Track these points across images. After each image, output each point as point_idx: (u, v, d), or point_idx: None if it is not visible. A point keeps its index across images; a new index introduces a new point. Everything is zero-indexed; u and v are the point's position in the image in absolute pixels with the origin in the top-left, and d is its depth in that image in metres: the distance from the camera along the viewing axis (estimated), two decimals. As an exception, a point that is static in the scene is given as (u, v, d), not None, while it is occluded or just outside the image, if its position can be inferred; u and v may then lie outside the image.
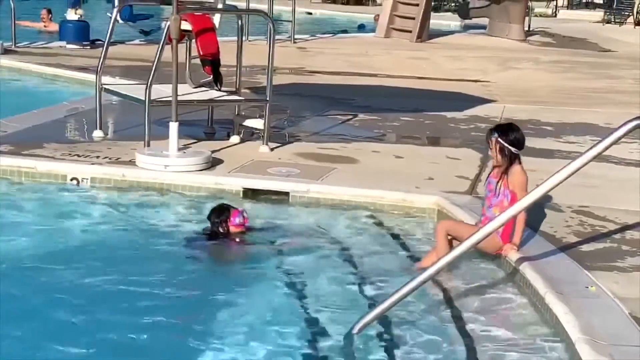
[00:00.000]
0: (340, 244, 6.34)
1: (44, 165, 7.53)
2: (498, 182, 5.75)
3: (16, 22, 16.57)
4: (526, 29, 23.30)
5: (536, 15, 28.97)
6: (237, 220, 6.23)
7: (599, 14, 31.48)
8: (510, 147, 5.71)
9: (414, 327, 4.81)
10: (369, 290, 5.37)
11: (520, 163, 5.76)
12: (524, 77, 16.00)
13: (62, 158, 7.74)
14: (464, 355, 4.53)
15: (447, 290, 5.42)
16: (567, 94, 14.03)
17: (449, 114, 11.26)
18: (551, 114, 11.71)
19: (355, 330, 4.56)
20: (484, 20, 23.74)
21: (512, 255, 5.61)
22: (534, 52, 20.30)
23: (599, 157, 4.69)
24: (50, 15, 20.37)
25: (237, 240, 6.20)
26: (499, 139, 5.72)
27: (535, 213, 6.16)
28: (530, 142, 9.58)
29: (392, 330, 4.75)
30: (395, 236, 6.59)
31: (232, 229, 6.22)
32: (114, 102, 10.06)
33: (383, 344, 4.60)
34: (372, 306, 4.80)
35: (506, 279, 5.59)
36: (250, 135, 8.93)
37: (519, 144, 5.77)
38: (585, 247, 5.96)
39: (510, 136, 5.74)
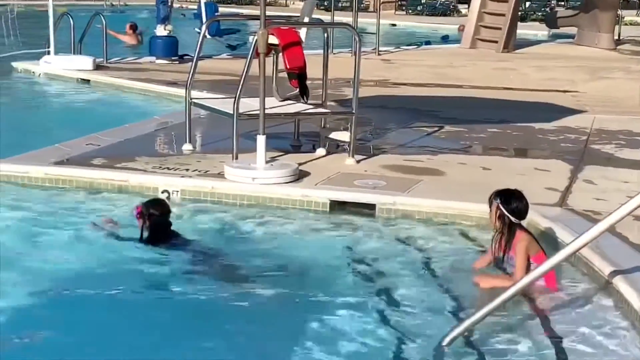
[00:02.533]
0: (427, 256, 6.30)
1: (136, 178, 7.71)
2: (503, 256, 5.60)
3: (107, 30, 17.01)
4: (616, 37, 22.80)
5: (626, 24, 28.32)
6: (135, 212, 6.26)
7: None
8: (510, 216, 5.56)
9: (505, 340, 4.74)
10: (456, 303, 5.32)
11: (522, 229, 5.60)
12: (615, 87, 15.64)
13: (153, 171, 7.91)
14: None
15: (537, 303, 5.33)
16: (659, 104, 13.67)
17: (537, 125, 11.09)
18: (643, 124, 11.44)
19: (444, 343, 4.53)
20: (572, 30, 23.33)
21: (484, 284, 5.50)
22: (624, 61, 19.83)
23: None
24: (132, 30, 21.11)
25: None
26: (500, 206, 5.58)
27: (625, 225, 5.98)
28: (622, 153, 9.53)
29: (482, 343, 4.70)
30: (483, 249, 6.51)
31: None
32: (202, 116, 10.25)
33: (473, 357, 4.55)
34: (461, 319, 4.74)
35: (599, 293, 5.47)
36: (336, 147, 8.97)
37: (520, 214, 5.61)
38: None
39: (512, 204, 5.59)
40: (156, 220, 6.25)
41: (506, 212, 5.55)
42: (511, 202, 5.59)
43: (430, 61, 18.76)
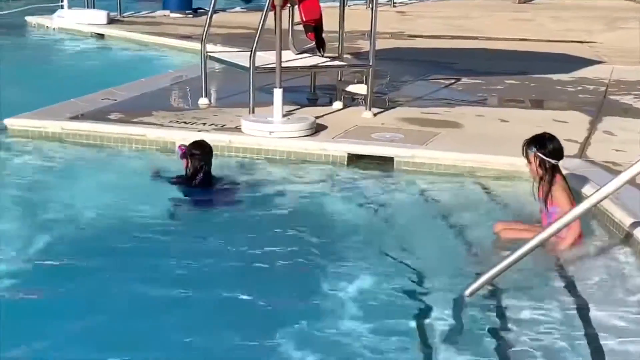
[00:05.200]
0: (446, 208, 6.28)
1: (154, 132, 7.71)
2: (545, 200, 5.55)
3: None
4: (633, -14, 22.49)
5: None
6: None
7: None
8: (550, 160, 5.50)
9: (526, 292, 4.74)
10: (476, 257, 5.32)
11: (560, 174, 5.54)
12: (633, 37, 15.43)
13: (170, 125, 7.90)
14: (578, 323, 4.44)
15: (558, 255, 5.32)
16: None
17: (555, 76, 11.00)
18: (663, 74, 11.32)
19: (466, 293, 4.54)
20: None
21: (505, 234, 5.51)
22: (641, 10, 19.59)
23: None
24: None
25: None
26: (538, 153, 5.52)
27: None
28: (643, 104, 9.45)
29: (504, 294, 4.70)
30: (502, 201, 6.50)
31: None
32: (216, 70, 10.21)
33: (495, 308, 4.57)
34: (483, 271, 4.74)
35: (620, 245, 5.45)
36: (351, 100, 8.92)
37: (559, 154, 5.54)
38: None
39: (549, 147, 5.51)
40: (198, 160, 6.44)
41: (545, 157, 5.50)
42: (546, 145, 5.54)
43: (446, 13, 18.59)
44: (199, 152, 6.54)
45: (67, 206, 6.04)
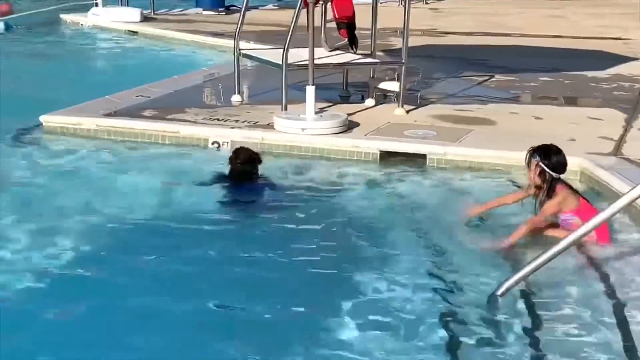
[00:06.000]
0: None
1: (187, 129, 7.76)
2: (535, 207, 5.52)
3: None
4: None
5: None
6: None
7: None
8: (551, 172, 5.45)
9: (557, 292, 4.72)
10: (511, 255, 5.29)
11: (563, 184, 5.48)
12: (669, 33, 15.30)
13: (203, 122, 7.95)
14: (611, 321, 4.40)
15: (589, 255, 5.28)
16: None
17: (590, 73, 10.90)
18: (700, 71, 11.17)
19: (499, 292, 4.52)
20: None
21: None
22: (678, 6, 19.33)
23: None
24: None
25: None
26: (540, 163, 5.47)
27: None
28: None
29: (535, 294, 4.68)
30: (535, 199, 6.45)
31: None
32: (248, 67, 10.25)
33: (528, 307, 4.55)
34: (515, 270, 4.72)
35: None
36: (383, 98, 8.91)
37: (561, 168, 5.48)
38: None
39: (553, 159, 5.46)
40: (236, 165, 6.56)
41: (547, 168, 5.46)
42: (551, 157, 5.49)
43: (479, 9, 18.50)
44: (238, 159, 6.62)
45: (101, 203, 6.10)
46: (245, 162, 6.56)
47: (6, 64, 11.60)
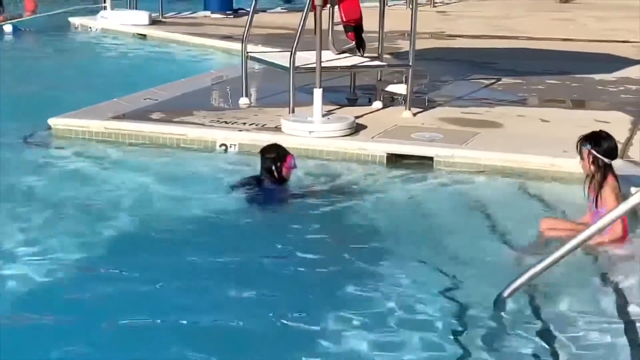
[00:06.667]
0: (486, 209, 6.27)
1: (195, 132, 7.79)
2: (595, 198, 5.49)
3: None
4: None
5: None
6: (293, 163, 6.37)
7: None
8: (604, 159, 5.45)
9: (568, 292, 4.72)
10: (518, 255, 5.29)
11: (612, 174, 5.47)
12: (677, 36, 15.26)
13: (211, 125, 7.98)
14: (619, 324, 4.40)
15: (601, 258, 5.28)
16: None
17: (597, 76, 10.90)
18: None
19: (505, 294, 4.52)
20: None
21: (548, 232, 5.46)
22: (687, 9, 19.29)
23: None
24: None
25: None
26: (592, 151, 5.47)
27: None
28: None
29: (545, 294, 4.68)
30: (542, 201, 6.47)
31: (285, 170, 6.35)
32: (256, 70, 10.28)
33: (535, 308, 4.55)
34: (522, 271, 4.72)
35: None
36: (391, 100, 8.93)
37: (612, 153, 5.49)
38: None
39: (604, 145, 5.46)
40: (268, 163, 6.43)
41: (599, 155, 5.46)
42: (601, 143, 5.50)
43: (487, 12, 18.50)
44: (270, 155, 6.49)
45: (111, 205, 6.13)
46: (267, 156, 6.45)
47: (15, 66, 11.66)
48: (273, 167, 6.37)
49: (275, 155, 6.43)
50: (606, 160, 5.46)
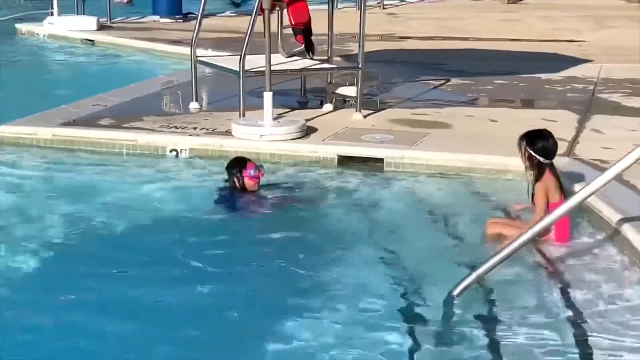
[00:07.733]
0: (436, 209, 6.33)
1: (144, 137, 7.74)
2: (532, 193, 5.61)
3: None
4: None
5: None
6: (252, 172, 6.36)
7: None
8: (538, 157, 5.56)
9: (514, 290, 4.79)
10: (465, 256, 5.35)
11: (551, 171, 5.57)
12: (621, 35, 15.50)
13: (161, 130, 7.93)
14: (566, 321, 4.47)
15: (546, 252, 5.36)
16: (667, 52, 13.58)
17: (544, 76, 11.06)
18: (651, 72, 11.37)
19: (455, 293, 4.57)
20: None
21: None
22: (631, 9, 19.61)
23: None
24: None
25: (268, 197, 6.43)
26: (527, 148, 5.58)
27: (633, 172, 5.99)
28: (629, 102, 9.50)
29: (492, 293, 4.75)
30: (492, 201, 6.55)
31: (246, 180, 6.36)
32: (207, 74, 10.25)
33: (484, 306, 4.61)
34: (471, 270, 4.78)
35: (607, 242, 5.50)
36: (342, 103, 8.96)
37: (547, 153, 5.58)
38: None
39: (538, 144, 5.56)
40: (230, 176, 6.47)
41: (533, 153, 5.55)
42: (536, 142, 5.59)
43: (436, 14, 18.65)
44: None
45: (60, 213, 6.07)
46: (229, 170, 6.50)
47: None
48: (234, 179, 6.38)
49: (235, 167, 6.44)
50: (540, 158, 5.55)
